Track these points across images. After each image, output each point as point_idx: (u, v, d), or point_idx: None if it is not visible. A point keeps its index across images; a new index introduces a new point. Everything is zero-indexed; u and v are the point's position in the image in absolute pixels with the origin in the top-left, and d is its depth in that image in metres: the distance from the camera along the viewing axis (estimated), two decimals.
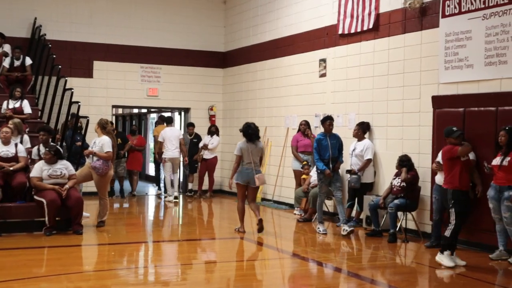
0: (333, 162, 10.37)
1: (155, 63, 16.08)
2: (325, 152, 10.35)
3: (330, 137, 10.43)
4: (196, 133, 15.68)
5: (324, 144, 10.36)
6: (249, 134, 10.14)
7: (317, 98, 12.85)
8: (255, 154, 10.12)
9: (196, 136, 15.59)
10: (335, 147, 10.45)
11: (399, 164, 9.96)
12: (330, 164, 10.33)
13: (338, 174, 10.52)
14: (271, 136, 14.54)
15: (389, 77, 10.95)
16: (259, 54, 15.10)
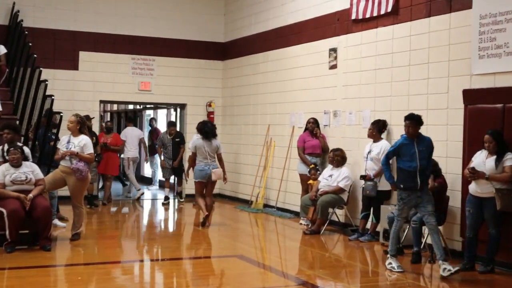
0: (421, 176, 7.73)
1: (147, 54, 14.62)
2: (410, 162, 7.74)
3: (418, 143, 7.83)
4: (179, 131, 14.15)
5: (411, 151, 7.77)
6: (205, 132, 10.71)
7: (327, 93, 11.36)
8: (210, 151, 10.69)
9: (178, 135, 13.87)
10: (424, 156, 7.79)
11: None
12: (418, 179, 7.71)
13: (428, 193, 7.87)
14: (274, 135, 13.06)
15: (410, 68, 9.45)
16: (262, 44, 13.62)
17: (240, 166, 14.34)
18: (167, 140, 13.61)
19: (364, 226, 9.80)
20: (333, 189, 10.18)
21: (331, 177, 10.32)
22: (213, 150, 10.74)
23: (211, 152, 10.69)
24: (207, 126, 10.81)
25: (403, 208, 7.87)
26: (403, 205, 7.85)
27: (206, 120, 11.28)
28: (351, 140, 10.69)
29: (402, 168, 7.82)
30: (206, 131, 10.72)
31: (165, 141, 13.61)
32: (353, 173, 10.36)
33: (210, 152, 10.66)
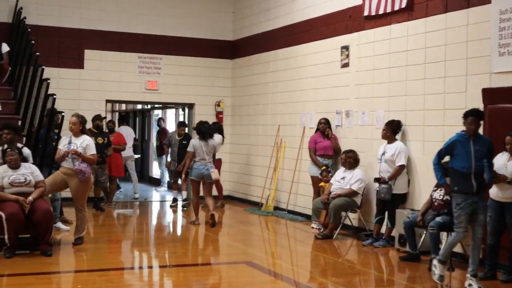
0: (477, 179, 6.94)
1: (154, 52, 14.29)
2: (466, 162, 6.95)
3: (474, 141, 7.07)
4: (188, 134, 13.46)
5: (466, 150, 7.00)
6: (203, 132, 10.99)
7: (339, 92, 10.97)
8: (207, 151, 10.90)
9: (186, 137, 13.09)
10: (481, 156, 6.99)
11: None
12: (473, 182, 6.93)
13: (484, 200, 7.11)
14: (285, 136, 12.68)
15: (426, 66, 9.05)
16: (271, 43, 13.25)
17: (250, 168, 13.98)
18: (174, 140, 13.21)
19: (379, 231, 9.42)
20: (346, 192, 9.81)
21: (343, 180, 9.94)
22: (210, 149, 10.98)
23: (208, 151, 10.91)
24: (204, 126, 11.08)
25: (460, 215, 6.96)
26: (460, 211, 6.96)
27: (203, 121, 11.37)
28: (364, 141, 10.31)
29: (455, 169, 7.04)
30: (202, 131, 11.00)
31: (172, 141, 13.21)
32: (366, 176, 9.97)
33: (207, 152, 10.89)
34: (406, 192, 9.27)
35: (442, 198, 8.03)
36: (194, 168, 10.88)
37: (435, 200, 8.12)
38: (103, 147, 11.84)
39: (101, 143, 11.88)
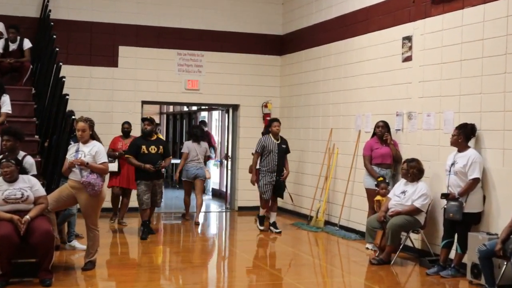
0: None
1: (195, 49, 13.00)
2: None
3: None
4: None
5: None
6: (194, 135, 11.70)
7: (400, 91, 9.40)
8: (199, 152, 11.54)
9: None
10: None
11: None
12: None
13: None
14: (338, 141, 11.17)
15: (508, 57, 7.40)
16: (323, 36, 11.75)
17: (301, 176, 12.50)
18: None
19: (446, 257, 7.81)
20: (406, 209, 8.24)
21: (404, 194, 8.37)
22: (202, 152, 11.59)
23: (200, 153, 11.51)
24: (196, 129, 11.97)
25: None
26: None
27: (195, 124, 13.01)
28: (430, 148, 8.70)
29: None
30: (195, 134, 11.70)
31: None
32: (432, 190, 8.38)
33: (199, 154, 11.49)
34: (480, 211, 7.64)
35: None
36: (185, 170, 11.48)
37: None
38: (156, 158, 9.91)
39: (154, 152, 9.92)
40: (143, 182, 9.85)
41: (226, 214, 13.33)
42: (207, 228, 11.83)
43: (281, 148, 10.55)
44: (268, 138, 10.55)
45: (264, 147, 10.45)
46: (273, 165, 10.47)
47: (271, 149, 10.45)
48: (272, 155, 10.44)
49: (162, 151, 10.04)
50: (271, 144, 10.49)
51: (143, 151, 9.87)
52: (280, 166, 10.54)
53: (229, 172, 13.66)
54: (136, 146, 9.95)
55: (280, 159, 10.50)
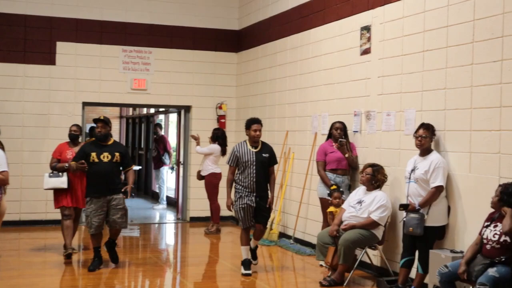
0: None
1: (142, 45, 11.89)
2: None
3: None
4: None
5: None
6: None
7: (358, 88, 8.36)
8: None
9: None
10: None
11: (501, 200, 5.40)
12: None
13: None
14: (293, 144, 10.10)
15: (475, 46, 6.37)
16: (279, 29, 10.71)
17: None
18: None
19: (406, 278, 6.76)
20: (362, 223, 7.18)
21: (360, 204, 7.31)
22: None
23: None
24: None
25: None
26: None
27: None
28: (390, 152, 7.66)
29: None
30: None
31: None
32: (392, 200, 7.33)
33: None
34: (444, 224, 6.60)
35: (498, 239, 5.36)
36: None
37: (487, 241, 5.45)
38: (109, 168, 7.86)
39: (107, 161, 7.85)
40: (93, 199, 7.74)
41: (177, 226, 12.21)
42: (150, 243, 10.70)
43: (261, 158, 7.77)
44: (243, 145, 7.84)
45: (238, 157, 7.80)
46: (250, 182, 7.72)
47: (247, 159, 7.73)
48: (249, 168, 7.71)
49: (119, 159, 7.87)
50: (247, 153, 7.76)
51: (92, 160, 7.73)
52: (261, 183, 7.76)
53: (180, 180, 12.53)
54: (83, 153, 7.79)
55: (260, 173, 7.72)
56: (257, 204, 7.75)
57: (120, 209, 7.84)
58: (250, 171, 7.71)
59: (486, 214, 5.73)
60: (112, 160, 7.84)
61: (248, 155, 7.77)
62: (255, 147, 7.87)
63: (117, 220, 7.84)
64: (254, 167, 7.71)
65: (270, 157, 7.91)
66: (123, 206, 7.90)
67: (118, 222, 7.86)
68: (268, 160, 7.86)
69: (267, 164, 7.86)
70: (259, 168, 7.73)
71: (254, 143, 7.88)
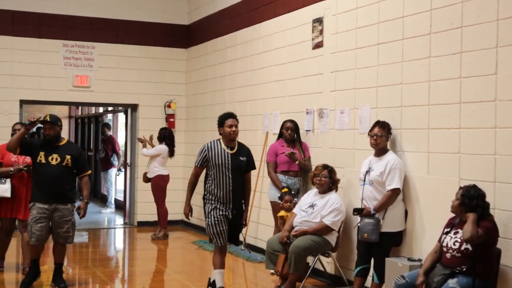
0: None
1: (85, 39, 11.19)
2: None
3: None
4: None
5: None
6: None
7: (310, 84, 7.86)
8: None
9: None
10: None
11: (461, 204, 4.95)
12: None
13: None
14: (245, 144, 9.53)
15: (432, 38, 5.91)
16: (229, 23, 10.16)
17: None
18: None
19: (361, 287, 6.27)
20: (314, 228, 6.68)
21: (312, 208, 6.81)
22: None
23: None
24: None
25: None
26: None
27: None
28: (344, 152, 7.17)
29: None
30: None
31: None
32: (345, 203, 6.85)
33: None
34: (401, 230, 6.14)
35: (459, 247, 4.90)
36: None
37: (447, 250, 4.99)
38: (58, 172, 6.77)
39: (56, 164, 6.74)
40: (37, 205, 6.68)
41: (125, 231, 11.56)
42: (89, 251, 10.04)
43: (238, 162, 6.44)
44: (216, 145, 6.46)
45: (208, 159, 6.42)
46: (225, 191, 6.37)
47: (220, 162, 6.37)
48: (223, 173, 6.34)
49: (70, 162, 6.74)
50: (221, 155, 6.38)
51: (39, 160, 6.70)
52: (238, 193, 6.44)
53: (127, 182, 11.87)
54: (30, 145, 6.85)
55: (237, 180, 6.40)
56: (233, 218, 6.40)
57: (66, 222, 6.70)
58: (224, 178, 6.33)
59: (446, 219, 5.29)
60: (61, 164, 6.67)
61: (222, 157, 6.36)
62: (230, 147, 6.47)
63: (62, 234, 6.71)
64: (230, 173, 6.33)
65: (248, 161, 6.56)
66: (70, 218, 6.74)
67: (63, 236, 6.72)
68: (245, 165, 6.52)
69: (244, 170, 6.54)
70: (235, 174, 6.37)
71: (229, 143, 6.48)
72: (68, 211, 6.73)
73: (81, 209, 6.80)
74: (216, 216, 6.33)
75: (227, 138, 6.46)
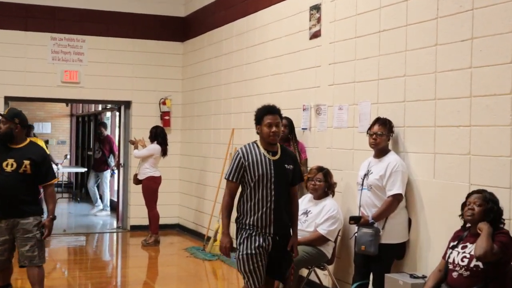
0: None
1: (75, 32, 10.57)
2: None
3: None
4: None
5: None
6: None
7: (307, 77, 7.16)
8: None
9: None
10: None
11: (489, 210, 4.24)
12: None
13: None
14: (240, 144, 8.78)
15: (439, 23, 5.18)
16: (225, 14, 9.48)
17: (202, 188, 10.18)
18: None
19: None
20: (308, 238, 5.99)
21: (306, 216, 6.12)
22: None
23: None
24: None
25: None
26: None
27: None
28: (342, 153, 6.45)
29: None
30: None
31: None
32: (344, 210, 6.14)
33: None
34: (404, 241, 5.41)
35: (467, 264, 4.17)
36: None
37: (454, 267, 4.27)
38: (14, 181, 5.62)
39: (11, 171, 5.59)
40: None
41: (118, 235, 10.93)
42: (72, 260, 9.42)
43: (283, 171, 4.95)
44: (254, 149, 5.01)
45: (246, 168, 4.90)
46: (264, 212, 4.87)
47: (261, 173, 4.87)
48: (263, 187, 4.87)
49: (29, 169, 5.59)
50: (261, 163, 4.91)
51: None
52: (283, 214, 4.94)
53: (120, 184, 11.24)
54: None
55: (281, 196, 4.92)
56: (274, 248, 4.91)
57: (29, 239, 5.57)
58: (265, 194, 4.85)
59: (455, 229, 4.56)
60: (17, 170, 5.55)
61: (263, 165, 4.88)
62: (272, 152, 5.00)
63: (25, 253, 5.57)
64: (273, 186, 4.85)
65: (294, 170, 5.04)
66: (35, 234, 5.59)
67: (27, 256, 5.57)
68: (292, 175, 5.02)
69: (291, 181, 5.05)
70: (280, 188, 4.88)
71: (270, 147, 5.00)
72: (31, 225, 5.57)
73: (45, 227, 5.61)
74: (250, 248, 4.83)
75: (266, 141, 4.96)
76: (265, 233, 4.86)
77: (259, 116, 5.08)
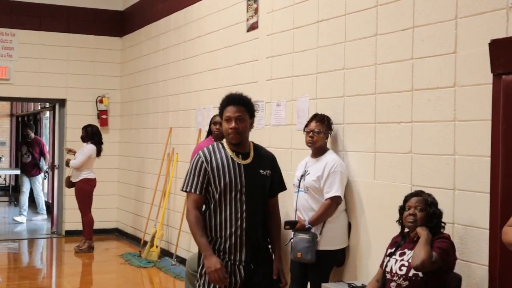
0: None
1: (3, 26, 9.98)
2: None
3: None
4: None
5: None
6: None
7: (244, 72, 6.73)
8: None
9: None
10: None
11: (431, 215, 3.85)
12: None
13: None
14: (177, 144, 8.40)
15: (379, 10, 4.80)
16: (163, 6, 8.99)
17: (143, 191, 9.65)
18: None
19: None
20: None
21: None
22: None
23: None
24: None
25: None
26: None
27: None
28: (281, 152, 6.01)
29: None
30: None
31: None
32: (282, 214, 5.69)
33: None
34: (343, 247, 5.01)
35: (406, 273, 3.78)
36: None
37: (392, 276, 3.87)
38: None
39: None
40: None
41: (52, 241, 10.32)
42: (9, 267, 8.80)
43: (256, 178, 4.02)
44: (218, 150, 4.04)
45: (209, 175, 3.94)
46: (232, 232, 3.92)
47: (227, 181, 3.93)
48: (230, 199, 3.94)
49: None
50: (228, 167, 3.97)
51: None
52: (255, 232, 4.00)
53: (55, 186, 10.62)
54: None
55: (253, 210, 3.98)
56: (249, 282, 3.96)
57: None
58: (233, 209, 3.92)
59: (391, 233, 4.17)
60: None
61: (231, 171, 3.94)
62: (243, 155, 4.03)
63: None
64: (244, 198, 3.93)
65: (273, 176, 4.14)
66: None
67: None
68: (270, 183, 4.12)
69: (268, 191, 4.13)
70: (253, 200, 3.97)
71: (238, 147, 4.02)
72: None
73: None
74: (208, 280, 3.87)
75: (227, 139, 4.02)
76: (234, 262, 3.88)
77: (220, 109, 4.12)
